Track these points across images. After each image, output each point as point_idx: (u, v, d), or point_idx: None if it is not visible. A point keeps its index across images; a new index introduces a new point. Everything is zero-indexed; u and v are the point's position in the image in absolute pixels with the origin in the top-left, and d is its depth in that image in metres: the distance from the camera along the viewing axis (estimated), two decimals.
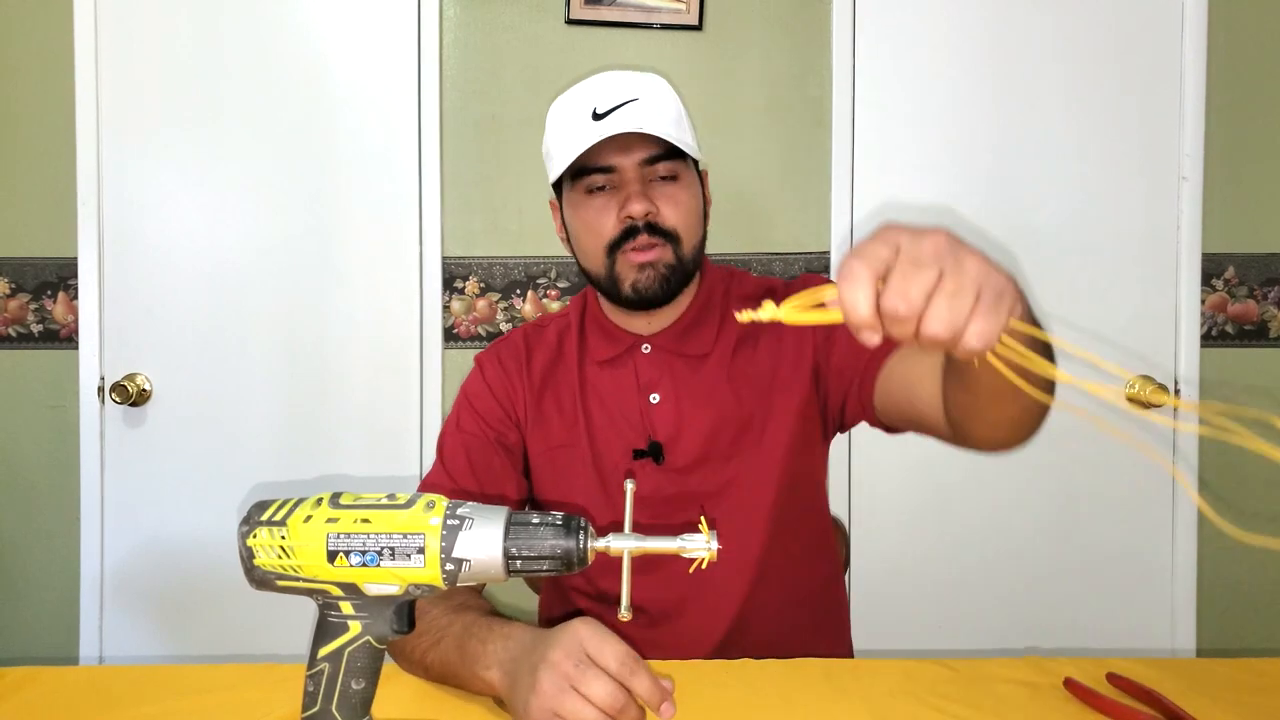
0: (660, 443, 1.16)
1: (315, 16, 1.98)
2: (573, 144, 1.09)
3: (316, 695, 0.71)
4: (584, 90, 1.12)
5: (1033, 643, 1.97)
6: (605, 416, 1.18)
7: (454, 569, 0.67)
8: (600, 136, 1.07)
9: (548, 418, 1.20)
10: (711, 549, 0.71)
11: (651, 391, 1.18)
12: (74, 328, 1.99)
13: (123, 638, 1.99)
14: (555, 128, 1.14)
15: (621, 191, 1.11)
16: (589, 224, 1.13)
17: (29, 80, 1.98)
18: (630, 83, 1.11)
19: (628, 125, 1.07)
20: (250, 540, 0.70)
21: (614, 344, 1.20)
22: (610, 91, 1.10)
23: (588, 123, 1.09)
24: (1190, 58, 1.95)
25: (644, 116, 1.08)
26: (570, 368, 1.22)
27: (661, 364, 1.18)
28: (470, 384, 1.25)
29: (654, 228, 1.10)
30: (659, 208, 1.10)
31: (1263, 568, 2.03)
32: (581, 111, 1.10)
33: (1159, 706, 0.89)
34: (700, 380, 1.17)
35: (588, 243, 1.14)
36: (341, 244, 1.99)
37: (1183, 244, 1.97)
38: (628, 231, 1.10)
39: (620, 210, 1.10)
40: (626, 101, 1.09)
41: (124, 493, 1.99)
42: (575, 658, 0.79)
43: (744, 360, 1.18)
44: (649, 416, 1.17)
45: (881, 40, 1.97)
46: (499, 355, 1.25)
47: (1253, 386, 2.01)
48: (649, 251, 1.10)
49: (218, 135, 1.97)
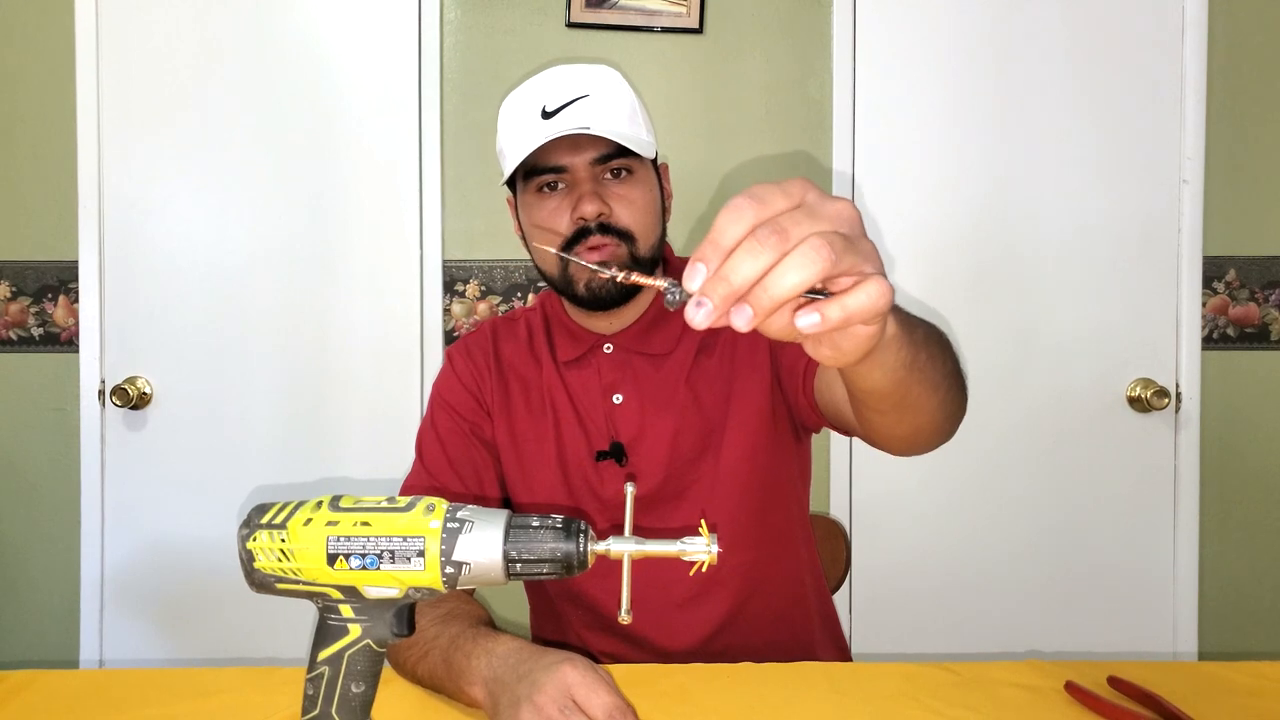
0: (622, 444, 1.15)
1: (316, 20, 1.98)
2: (522, 143, 1.07)
3: (316, 698, 0.71)
4: (534, 87, 1.10)
5: (1034, 646, 1.97)
6: (571, 416, 1.18)
7: (454, 572, 0.67)
8: (547, 137, 1.04)
9: (514, 410, 1.20)
10: (712, 552, 0.70)
11: (615, 392, 1.17)
12: (74, 331, 1.99)
13: (123, 640, 1.99)
14: (506, 125, 1.12)
15: (574, 191, 1.09)
16: (541, 225, 1.11)
17: (30, 83, 1.99)
18: (580, 78, 1.09)
19: (576, 124, 1.05)
20: (250, 543, 0.70)
21: (577, 344, 1.19)
22: (559, 88, 1.08)
23: (537, 121, 1.07)
24: (1191, 60, 1.95)
25: (593, 114, 1.06)
26: (539, 364, 1.21)
27: (623, 364, 1.17)
28: (441, 380, 1.25)
29: (606, 228, 1.08)
30: (612, 207, 1.08)
31: (1264, 571, 2.03)
32: (531, 109, 1.08)
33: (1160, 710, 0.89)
34: (662, 379, 1.16)
35: (540, 241, 1.12)
36: (342, 247, 1.99)
37: (1184, 247, 1.97)
38: (580, 232, 1.08)
39: (573, 211, 1.08)
40: (577, 99, 1.07)
41: (125, 495, 1.99)
42: (560, 703, 0.79)
43: (705, 360, 1.17)
44: (612, 417, 1.16)
45: (882, 43, 1.98)
46: (467, 347, 1.25)
47: (1254, 389, 2.02)
48: (601, 251, 1.08)
49: (219, 138, 1.97)
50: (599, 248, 1.07)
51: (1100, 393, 1.98)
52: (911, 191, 1.98)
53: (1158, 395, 1.93)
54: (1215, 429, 1.99)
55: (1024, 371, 1.98)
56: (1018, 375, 1.98)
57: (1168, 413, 1.97)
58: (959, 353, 0.92)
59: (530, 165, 1.08)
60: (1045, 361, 1.98)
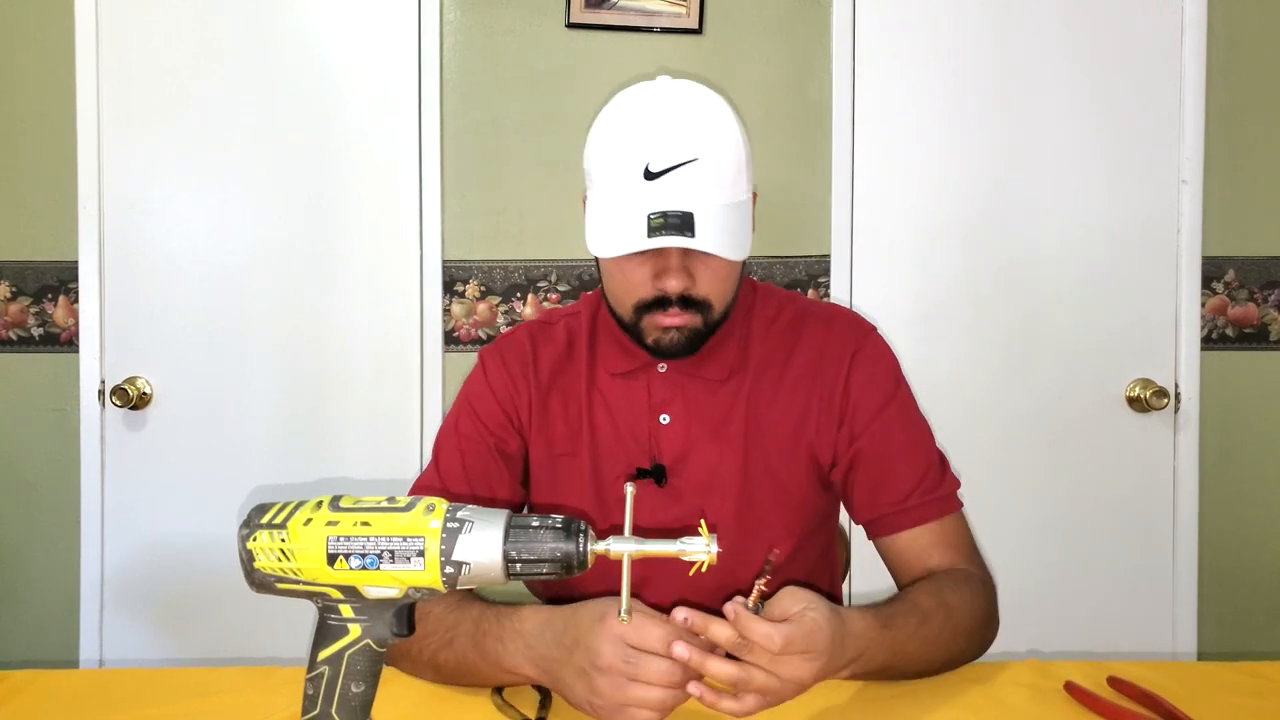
0: (664, 465, 1.13)
1: (316, 21, 1.98)
2: (619, 212, 1.00)
3: (316, 698, 0.71)
4: (640, 126, 1.01)
5: (1033, 646, 1.96)
6: (611, 430, 1.15)
7: (453, 572, 0.67)
8: (646, 240, 0.97)
9: (552, 422, 1.17)
10: (711, 552, 0.71)
11: (662, 412, 1.14)
12: (74, 331, 1.99)
13: (123, 640, 1.99)
14: (605, 158, 1.03)
15: (659, 258, 1.02)
16: (620, 281, 1.07)
17: (30, 83, 1.99)
18: (689, 129, 0.99)
19: (681, 203, 0.97)
20: (250, 543, 0.70)
21: (630, 358, 1.15)
22: (668, 143, 0.99)
23: (638, 182, 0.99)
24: (1190, 61, 1.95)
25: (700, 190, 0.98)
26: (579, 373, 1.17)
27: (676, 385, 1.14)
28: (472, 384, 1.21)
29: (687, 300, 1.04)
30: (696, 279, 1.03)
31: (1263, 571, 2.03)
32: (634, 160, 0.99)
33: (1160, 709, 0.89)
34: (715, 405, 1.13)
35: (615, 289, 1.09)
36: (342, 247, 1.99)
37: (1183, 247, 1.97)
38: (659, 300, 1.04)
39: (655, 279, 1.03)
40: (684, 163, 0.98)
41: (124, 496, 1.99)
42: (624, 656, 0.81)
43: (766, 394, 1.14)
44: (656, 437, 1.13)
45: (881, 44, 1.97)
46: (503, 354, 1.20)
47: (1253, 389, 2.02)
48: (676, 318, 1.05)
49: (218, 138, 1.97)
50: (674, 315, 1.04)
51: (1099, 393, 1.98)
52: (911, 192, 1.98)
53: (1157, 395, 1.93)
54: (1215, 429, 1.99)
55: (1024, 371, 1.98)
56: (1017, 375, 1.98)
57: (1167, 413, 1.97)
58: (985, 604, 1.07)
59: None
60: (1045, 361, 1.98)
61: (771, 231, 2.01)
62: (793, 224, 2.01)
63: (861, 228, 1.99)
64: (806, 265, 2.01)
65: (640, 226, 0.98)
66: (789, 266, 2.01)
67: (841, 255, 1.99)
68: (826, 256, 2.00)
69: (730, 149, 1.02)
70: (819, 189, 2.00)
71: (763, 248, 2.01)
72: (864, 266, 1.99)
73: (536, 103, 1.99)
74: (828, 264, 2.00)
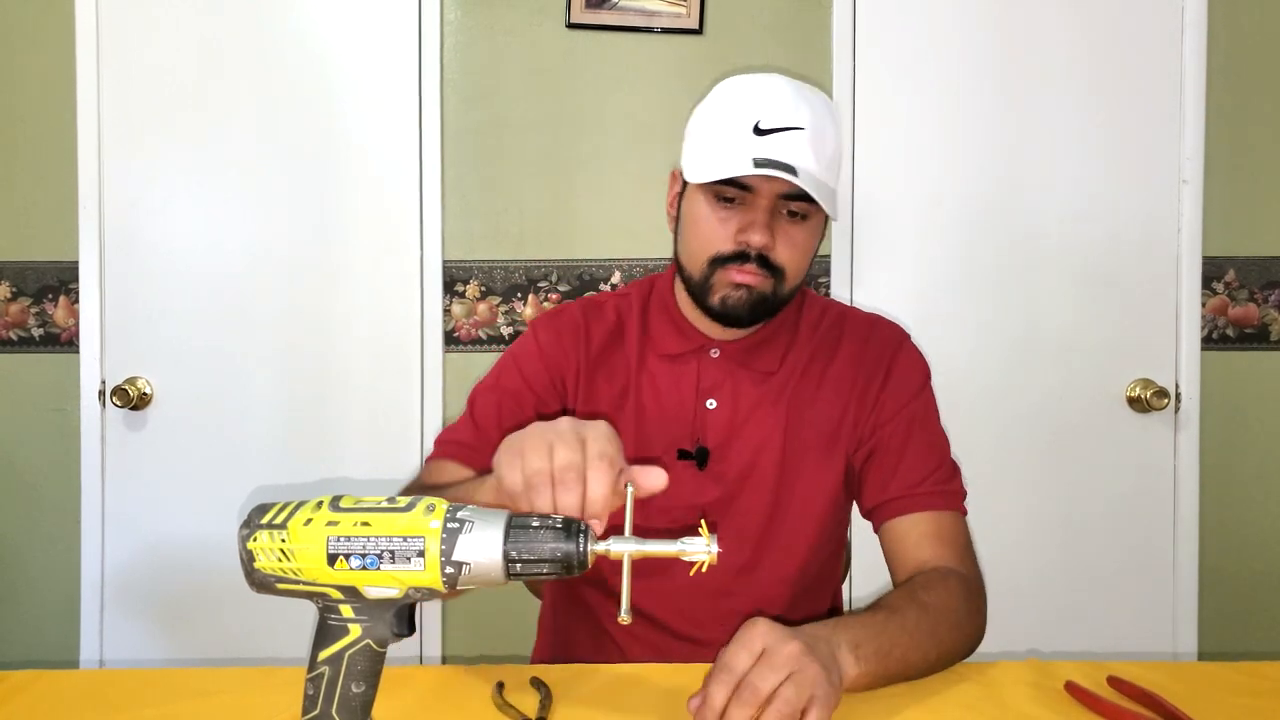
0: (708, 449, 1.15)
1: (316, 21, 1.98)
2: (726, 152, 1.05)
3: (317, 699, 0.71)
4: (753, 92, 1.08)
5: (1033, 646, 1.97)
6: (657, 410, 1.16)
7: (454, 572, 0.67)
8: (755, 167, 1.02)
9: (598, 396, 1.18)
10: (711, 552, 0.71)
11: (710, 396, 1.16)
12: (75, 331, 1.99)
13: (123, 641, 1.99)
14: (714, 117, 1.10)
15: (748, 212, 1.07)
16: (703, 229, 1.10)
17: (30, 83, 1.99)
18: (800, 104, 1.07)
19: (785, 156, 1.03)
20: (250, 543, 0.70)
21: (683, 340, 1.18)
22: (779, 107, 1.06)
23: (747, 134, 1.05)
24: (1190, 60, 1.96)
25: (802, 152, 1.04)
26: (629, 352, 1.19)
27: (726, 371, 1.17)
28: (520, 345, 1.22)
29: (764, 260, 1.07)
30: (776, 243, 1.07)
31: (1264, 570, 2.03)
32: (745, 117, 1.06)
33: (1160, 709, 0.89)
34: (761, 396, 1.16)
35: (694, 243, 1.12)
36: (342, 247, 1.99)
37: (1183, 247, 1.97)
38: (739, 254, 1.07)
39: (739, 232, 1.07)
40: (791, 128, 1.05)
41: (125, 496, 1.99)
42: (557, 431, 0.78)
43: (807, 395, 1.16)
44: (702, 420, 1.16)
45: (881, 44, 1.98)
46: (557, 326, 1.22)
47: (1253, 389, 2.02)
48: (749, 276, 1.08)
49: (219, 138, 1.97)
50: (749, 274, 1.08)
51: (1100, 393, 1.98)
52: (911, 192, 1.98)
53: (1157, 395, 1.93)
54: (1215, 429, 1.99)
55: (1024, 371, 1.98)
56: (1018, 375, 1.98)
57: (1167, 413, 1.97)
58: (965, 601, 1.04)
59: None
60: (1045, 361, 1.98)
61: None
62: None
63: (861, 228, 1.99)
64: None
65: (745, 164, 1.03)
66: None
67: (841, 255, 1.99)
68: (826, 257, 2.00)
69: (831, 133, 1.09)
70: None
71: None
72: (864, 266, 1.99)
73: (536, 103, 1.99)
74: (828, 264, 2.00)
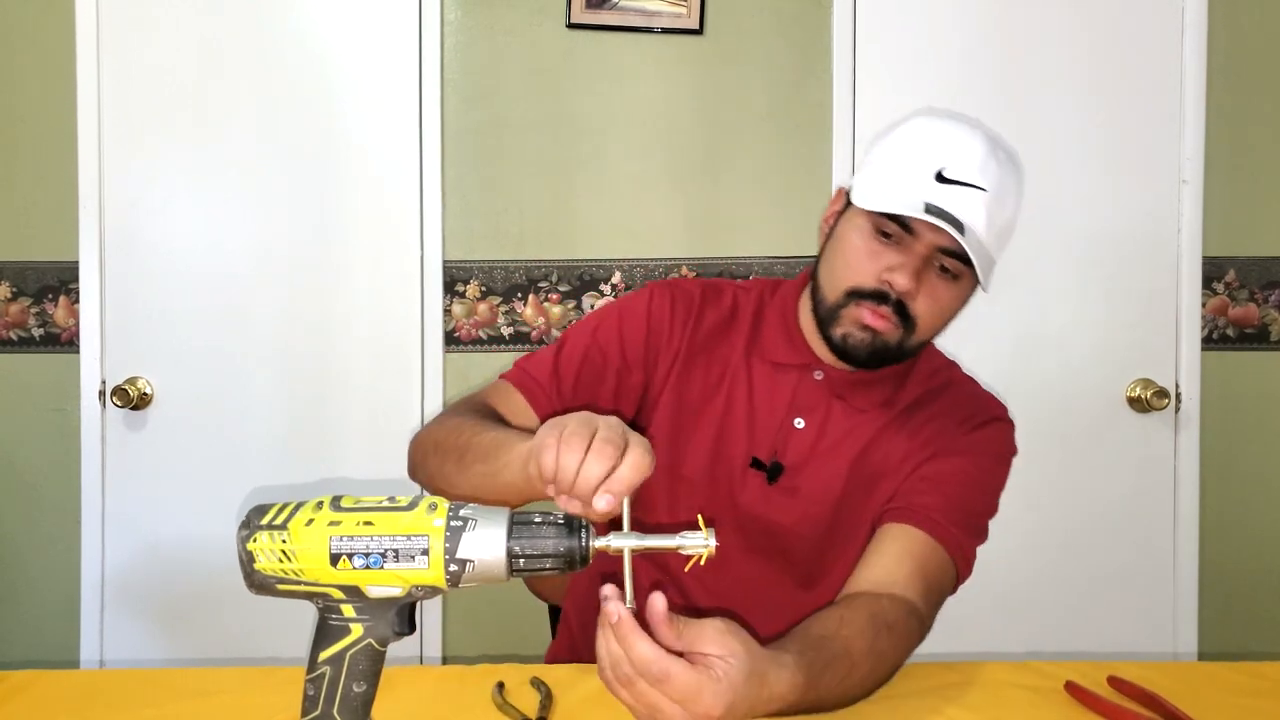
0: (784, 465, 1.12)
1: (316, 21, 1.98)
2: (900, 188, 1.03)
3: (318, 699, 0.71)
4: (946, 138, 1.05)
5: (1034, 646, 1.97)
6: (746, 412, 1.14)
7: (458, 570, 0.68)
8: (920, 213, 0.99)
9: (692, 380, 1.15)
10: (710, 546, 0.71)
11: (800, 416, 1.13)
12: (75, 331, 1.99)
13: (123, 641, 1.99)
14: (900, 149, 1.07)
15: (901, 254, 1.03)
16: (851, 257, 1.07)
17: (30, 83, 1.98)
18: (990, 165, 1.03)
19: (958, 212, 1.00)
20: (250, 544, 0.69)
21: (792, 352, 1.15)
22: (967, 162, 1.02)
23: (928, 177, 1.02)
24: (1190, 60, 1.96)
25: (978, 216, 1.01)
26: (734, 347, 1.17)
27: (824, 396, 1.14)
28: (630, 302, 1.19)
29: (902, 307, 1.04)
30: (920, 293, 1.04)
31: (1264, 570, 2.03)
32: (930, 160, 1.03)
33: (1160, 710, 0.89)
34: (850, 429, 1.13)
35: (839, 267, 1.09)
36: (342, 247, 1.99)
37: (1183, 247, 1.97)
38: (879, 293, 1.04)
39: (886, 270, 1.03)
40: (974, 186, 1.02)
41: (125, 496, 1.99)
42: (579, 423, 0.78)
43: (890, 437, 1.13)
44: (785, 436, 1.13)
45: (882, 44, 1.98)
46: (673, 295, 1.18)
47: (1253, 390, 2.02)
48: (881, 321, 1.04)
49: (219, 138, 1.97)
50: (881, 318, 1.04)
51: (1100, 393, 1.98)
52: None
53: (1158, 395, 1.93)
54: (1215, 429, 1.99)
55: (1024, 371, 1.98)
56: (1018, 375, 1.98)
57: (1167, 413, 1.97)
58: (907, 654, 0.97)
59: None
60: (1045, 361, 1.98)
61: (771, 231, 2.02)
62: (792, 224, 2.01)
63: None
64: (807, 265, 2.01)
65: (917, 206, 1.00)
66: (789, 266, 2.01)
67: None
68: None
69: (1011, 203, 1.07)
70: (819, 189, 2.00)
71: (763, 248, 2.01)
72: None
73: (536, 103, 1.99)
74: None
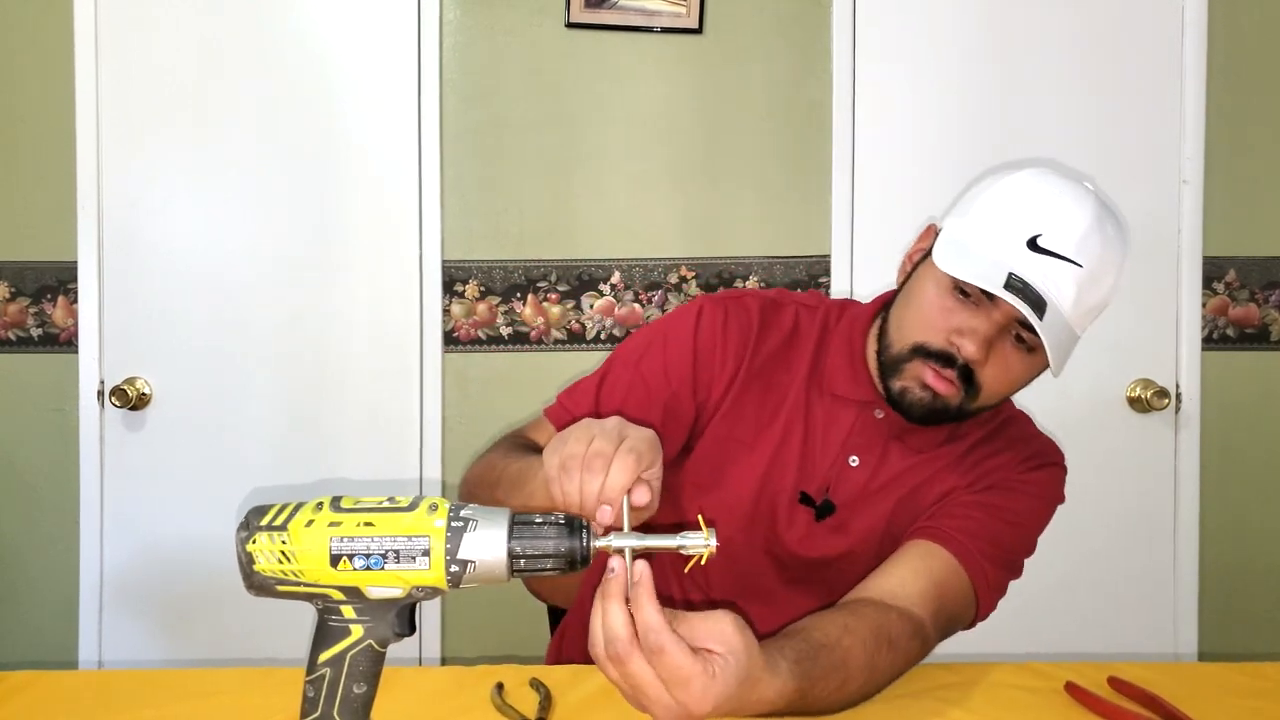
0: (834, 504, 1.08)
1: (316, 21, 1.98)
2: (988, 251, 0.97)
3: (318, 700, 0.71)
4: (1050, 200, 0.98)
5: (1034, 647, 1.96)
6: (800, 444, 1.09)
7: (459, 570, 0.67)
8: (999, 289, 0.93)
9: (745, 407, 1.09)
10: (710, 546, 0.71)
11: (855, 454, 1.09)
12: (73, 331, 1.98)
13: (122, 641, 1.99)
14: (998, 203, 1.01)
15: (975, 317, 0.97)
16: (924, 311, 1.01)
17: (29, 82, 1.98)
18: (1091, 239, 0.97)
19: (1045, 288, 0.94)
20: (249, 546, 0.69)
21: (855, 386, 1.09)
22: (1067, 233, 0.96)
23: (1019, 242, 0.96)
24: (1190, 60, 1.96)
25: (1065, 290, 0.95)
26: (795, 374, 1.10)
27: (882, 436, 1.09)
28: (677, 323, 1.11)
29: (969, 372, 0.98)
30: (989, 361, 0.98)
31: (1264, 571, 2.03)
32: (1027, 222, 0.97)
33: (1160, 710, 0.89)
34: (905, 469, 1.09)
35: (909, 319, 1.03)
36: (342, 247, 1.99)
37: (1183, 247, 1.97)
38: (946, 354, 0.99)
39: (956, 333, 0.98)
40: (1070, 260, 0.96)
41: (124, 496, 1.98)
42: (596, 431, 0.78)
43: (942, 476, 1.09)
44: (839, 473, 1.09)
45: (881, 44, 1.98)
46: (726, 315, 1.10)
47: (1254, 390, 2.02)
48: (943, 384, 0.99)
49: (218, 138, 1.97)
50: (944, 380, 0.99)
51: (1100, 393, 1.98)
52: (911, 191, 1.98)
53: (1158, 395, 1.93)
54: (1215, 429, 1.99)
55: None
56: None
57: (1168, 413, 1.97)
58: (905, 669, 0.94)
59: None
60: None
61: (771, 231, 2.02)
62: (793, 224, 2.01)
63: (861, 228, 1.99)
64: (807, 265, 2.01)
65: (998, 275, 0.94)
66: (789, 266, 2.01)
67: (841, 255, 1.99)
68: (826, 256, 2.00)
69: (1108, 283, 1.01)
70: (819, 189, 2.00)
71: (763, 248, 2.01)
72: (864, 266, 1.99)
73: (536, 102, 1.99)
74: (828, 264, 2.00)
